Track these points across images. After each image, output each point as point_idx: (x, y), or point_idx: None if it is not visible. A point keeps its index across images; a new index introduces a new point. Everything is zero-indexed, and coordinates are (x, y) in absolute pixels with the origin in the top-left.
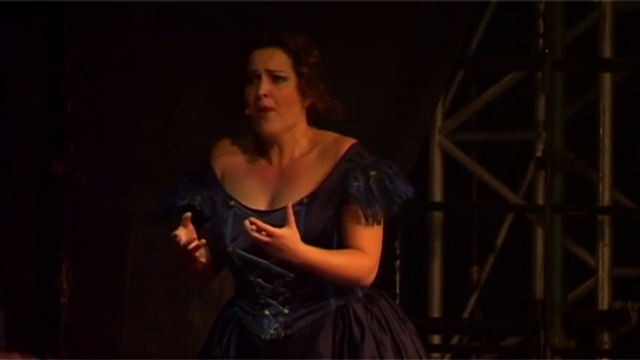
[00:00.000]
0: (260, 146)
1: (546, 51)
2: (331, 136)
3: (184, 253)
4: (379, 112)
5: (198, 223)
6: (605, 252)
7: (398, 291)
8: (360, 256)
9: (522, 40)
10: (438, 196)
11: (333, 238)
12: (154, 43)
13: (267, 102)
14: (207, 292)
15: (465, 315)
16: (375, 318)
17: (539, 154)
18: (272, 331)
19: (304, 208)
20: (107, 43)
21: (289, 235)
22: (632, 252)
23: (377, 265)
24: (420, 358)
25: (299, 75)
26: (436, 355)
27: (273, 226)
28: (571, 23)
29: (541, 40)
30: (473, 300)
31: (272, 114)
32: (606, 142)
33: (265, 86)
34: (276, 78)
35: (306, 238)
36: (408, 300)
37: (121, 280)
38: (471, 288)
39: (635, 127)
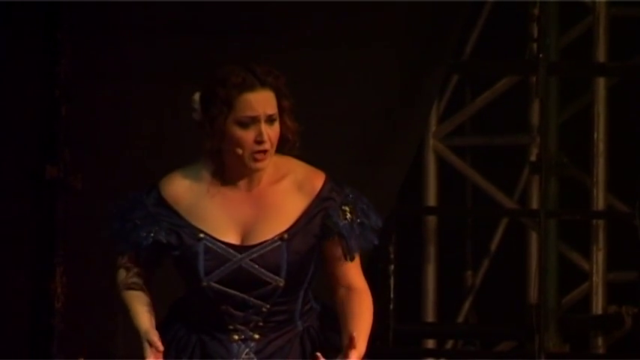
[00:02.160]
0: (221, 172)
1: (540, 55)
2: (298, 165)
3: None
4: (373, 117)
5: (165, 251)
6: (599, 256)
7: (392, 295)
8: (365, 296)
9: (516, 44)
10: (432, 200)
11: (309, 272)
12: (149, 47)
13: (267, 145)
14: None
15: (460, 319)
16: (336, 334)
17: (533, 158)
18: (244, 356)
19: (285, 243)
20: (101, 47)
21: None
22: (627, 256)
23: None
24: None
25: (281, 110)
26: (430, 359)
27: (256, 261)
28: (565, 28)
29: (535, 45)
30: (467, 304)
31: (267, 155)
32: (600, 147)
33: (265, 132)
34: (271, 120)
35: (288, 274)
36: (402, 304)
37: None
38: (465, 292)
39: (630, 132)
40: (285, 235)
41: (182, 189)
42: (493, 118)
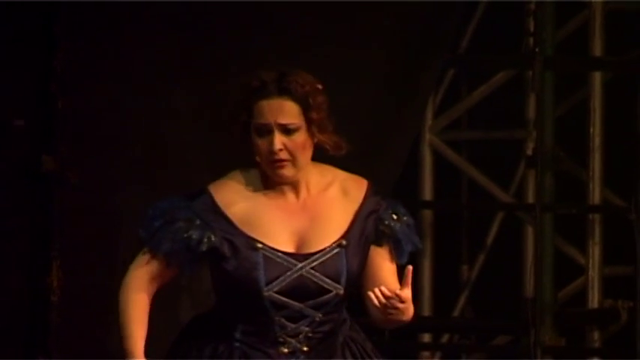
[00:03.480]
0: (269, 180)
1: (536, 50)
2: (339, 172)
3: None
4: (369, 111)
5: (215, 260)
6: (595, 250)
7: None
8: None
9: (512, 38)
10: (428, 194)
11: (361, 279)
12: (146, 42)
13: (282, 155)
14: (197, 291)
15: (455, 313)
16: (369, 345)
17: (529, 152)
18: None
19: (343, 250)
20: (98, 42)
21: (409, 298)
22: (623, 250)
23: None
24: None
25: (309, 122)
26: (426, 353)
27: (317, 269)
28: (561, 22)
29: (531, 39)
30: (463, 299)
31: (287, 164)
32: (596, 141)
33: (279, 141)
34: (288, 130)
35: (347, 281)
36: None
37: (111, 278)
38: (461, 287)
39: (625, 126)
40: (344, 242)
41: (235, 195)
42: (489, 112)
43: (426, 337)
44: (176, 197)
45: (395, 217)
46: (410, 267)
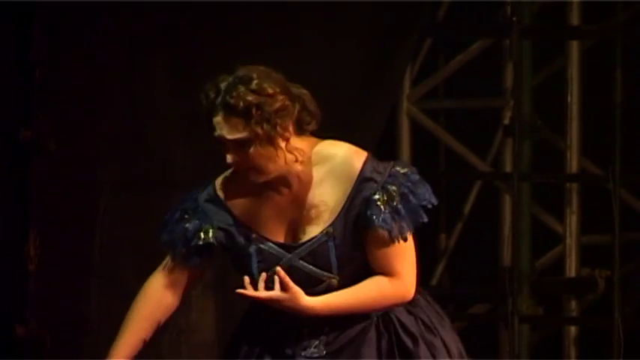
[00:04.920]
0: None
1: (514, 18)
2: (339, 150)
3: None
4: (347, 81)
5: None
6: (572, 219)
7: None
8: (390, 282)
9: (490, 7)
10: None
11: (364, 262)
12: (123, 14)
13: (240, 166)
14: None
15: (433, 282)
16: (421, 321)
17: (506, 121)
18: (313, 349)
19: (331, 239)
20: (76, 10)
21: (285, 298)
22: (600, 219)
23: (414, 278)
24: (460, 352)
25: (256, 135)
26: None
27: (305, 259)
28: None
29: (509, 8)
30: (441, 267)
31: (251, 172)
32: (574, 110)
33: (230, 156)
34: (238, 144)
35: (340, 269)
36: None
37: (89, 248)
38: (438, 255)
39: (603, 95)
40: (330, 229)
41: (237, 188)
42: (467, 81)
43: None
44: (195, 190)
45: (383, 198)
46: (278, 269)
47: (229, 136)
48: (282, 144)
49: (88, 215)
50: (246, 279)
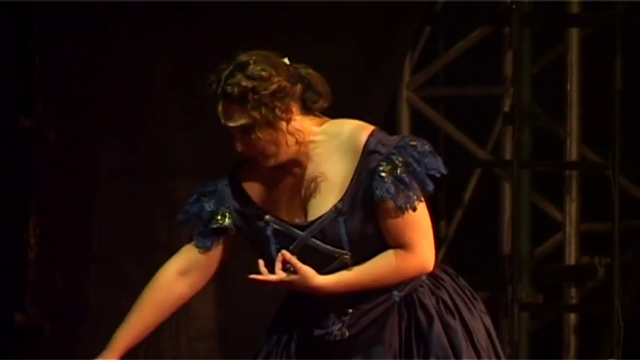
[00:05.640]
0: None
1: (514, 6)
2: (346, 126)
3: None
4: (347, 69)
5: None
6: (572, 207)
7: None
8: (405, 255)
9: None
10: None
11: (377, 237)
12: (123, 1)
13: (249, 153)
14: (175, 247)
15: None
16: (441, 301)
17: (506, 109)
18: (336, 332)
19: (340, 215)
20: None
21: (296, 280)
22: (599, 207)
23: (430, 248)
24: (490, 338)
25: (255, 120)
26: None
27: (317, 237)
28: None
29: None
30: (440, 255)
31: (260, 157)
32: (573, 98)
33: (238, 143)
34: (241, 130)
35: (351, 245)
36: None
37: (88, 235)
38: (438, 243)
39: (603, 83)
40: (339, 205)
41: (254, 172)
42: (466, 69)
43: None
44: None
45: (387, 169)
46: (284, 252)
47: (231, 124)
48: (284, 126)
49: (87, 203)
50: (261, 263)
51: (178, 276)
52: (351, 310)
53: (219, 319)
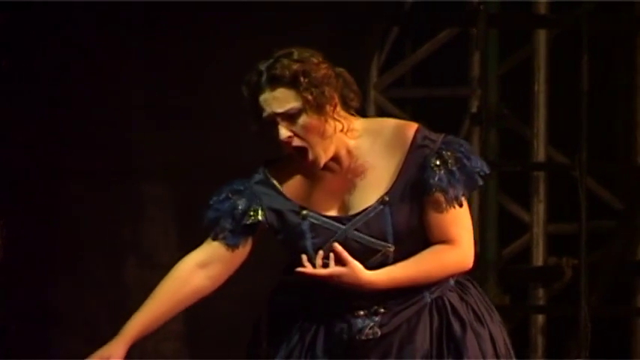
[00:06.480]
0: None
1: (481, 7)
2: (388, 123)
3: None
4: None
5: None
6: (539, 208)
7: None
8: (449, 250)
9: None
10: None
11: (420, 232)
12: (94, 3)
13: (294, 142)
14: (141, 249)
15: None
16: (470, 309)
17: (473, 110)
18: (368, 331)
19: (387, 207)
20: (42, 2)
21: (345, 273)
22: (567, 208)
23: (471, 245)
24: (507, 348)
25: (307, 101)
26: None
27: (361, 230)
28: None
29: None
30: None
31: (305, 151)
32: (541, 99)
33: (283, 131)
34: (290, 117)
35: (396, 237)
36: None
37: (56, 236)
38: None
39: (570, 84)
40: (386, 198)
41: (286, 169)
42: (433, 70)
43: None
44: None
45: (442, 159)
46: (335, 244)
47: (280, 109)
48: (330, 111)
49: (55, 203)
50: (304, 257)
51: (197, 268)
52: (382, 310)
53: (185, 319)
